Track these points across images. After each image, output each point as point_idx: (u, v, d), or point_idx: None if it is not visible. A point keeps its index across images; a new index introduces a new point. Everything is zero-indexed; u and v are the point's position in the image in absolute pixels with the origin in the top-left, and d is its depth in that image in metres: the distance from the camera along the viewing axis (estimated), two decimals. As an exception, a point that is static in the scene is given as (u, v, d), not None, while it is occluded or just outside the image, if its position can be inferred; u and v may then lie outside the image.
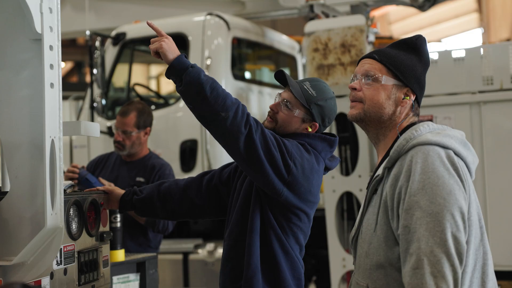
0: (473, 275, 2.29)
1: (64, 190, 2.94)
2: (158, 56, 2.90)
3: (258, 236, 3.01)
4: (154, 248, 4.82)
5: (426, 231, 2.17)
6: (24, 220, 2.48)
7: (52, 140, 2.44)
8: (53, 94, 2.46)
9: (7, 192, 2.53)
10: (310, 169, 2.99)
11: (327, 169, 3.18)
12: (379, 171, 2.45)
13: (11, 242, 2.47)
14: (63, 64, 22.24)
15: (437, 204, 2.19)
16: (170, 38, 2.92)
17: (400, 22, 21.51)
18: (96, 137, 6.60)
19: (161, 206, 3.33)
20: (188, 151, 6.52)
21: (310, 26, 6.18)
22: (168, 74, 2.89)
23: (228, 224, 3.19)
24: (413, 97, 2.50)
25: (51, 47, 2.47)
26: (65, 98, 12.91)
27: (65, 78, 23.69)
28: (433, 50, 6.63)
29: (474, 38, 20.99)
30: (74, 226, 2.94)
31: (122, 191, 3.36)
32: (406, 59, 2.50)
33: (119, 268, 3.76)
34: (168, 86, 10.99)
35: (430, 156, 2.26)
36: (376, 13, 19.44)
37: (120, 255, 3.78)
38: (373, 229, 2.38)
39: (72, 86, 20.01)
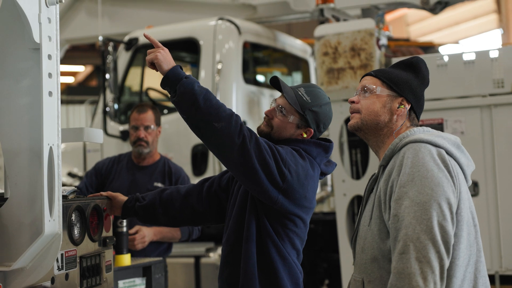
0: (467, 270, 2.39)
1: (66, 196, 2.98)
2: (154, 67, 2.94)
3: (254, 243, 3.03)
4: (167, 249, 4.84)
5: (413, 219, 2.29)
6: (23, 226, 2.51)
7: (51, 147, 2.48)
8: (51, 102, 2.49)
9: (7, 198, 2.57)
10: (305, 176, 3.00)
11: (323, 174, 3.20)
12: (376, 170, 2.62)
13: (11, 248, 2.51)
14: (83, 68, 22.43)
15: (425, 194, 2.32)
16: (166, 50, 2.96)
17: (418, 24, 21.41)
18: (109, 141, 6.74)
19: (163, 213, 3.37)
20: (200, 155, 6.56)
21: (319, 30, 6.19)
22: (163, 85, 2.94)
23: (226, 229, 3.22)
24: (408, 106, 2.63)
25: (49, 56, 2.50)
26: (81, 102, 13.12)
27: (85, 82, 23.87)
28: (444, 53, 6.60)
29: (493, 39, 20.82)
30: (76, 231, 2.97)
31: (124, 198, 3.40)
32: (401, 74, 2.66)
33: (125, 273, 3.79)
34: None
35: (421, 152, 2.41)
36: (393, 14, 19.42)
37: (126, 259, 3.81)
38: (368, 224, 2.50)
39: (91, 90, 20.18)
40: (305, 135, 3.16)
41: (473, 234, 2.44)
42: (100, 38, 6.74)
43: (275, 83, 3.19)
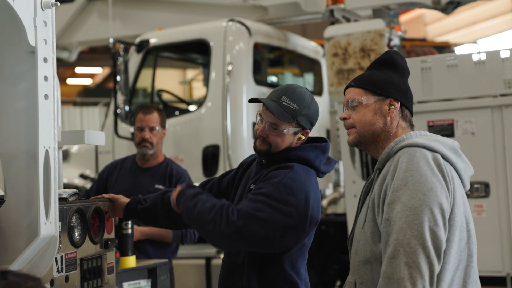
0: (455, 274, 2.38)
1: (66, 198, 2.99)
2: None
3: (257, 261, 3.03)
4: (172, 253, 4.84)
5: (404, 224, 2.28)
6: (20, 228, 2.53)
7: (47, 150, 2.49)
8: (47, 105, 2.51)
9: (4, 201, 2.59)
10: (306, 199, 2.96)
11: (324, 172, 3.18)
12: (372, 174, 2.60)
13: (8, 250, 2.53)
14: (100, 70, 22.56)
15: (417, 199, 2.30)
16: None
17: (436, 24, 21.28)
18: (121, 143, 6.76)
19: (164, 215, 3.36)
20: (210, 157, 6.56)
21: (329, 31, 6.17)
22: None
23: None
24: (397, 105, 2.61)
25: (45, 60, 2.51)
26: (95, 104, 13.16)
27: (102, 84, 24.02)
28: (455, 53, 6.56)
29: (511, 38, 20.62)
30: (76, 233, 2.98)
31: (126, 200, 3.40)
32: (380, 75, 2.63)
33: (130, 274, 3.80)
34: (191, 92, 11.05)
35: (415, 156, 2.39)
36: (410, 14, 19.31)
37: (131, 261, 3.82)
38: (362, 227, 2.49)
39: (109, 91, 20.30)
40: (303, 137, 3.12)
41: (465, 239, 2.41)
42: (111, 40, 6.77)
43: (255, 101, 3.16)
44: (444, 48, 11.36)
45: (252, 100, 3.15)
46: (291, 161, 3.07)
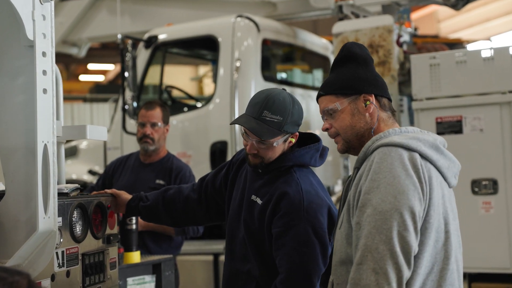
0: (428, 278, 2.30)
1: (67, 193, 2.99)
2: None
3: (271, 273, 2.98)
4: (175, 249, 4.85)
5: (373, 229, 2.22)
6: (19, 223, 2.53)
7: (45, 144, 2.49)
8: (46, 99, 2.50)
9: (3, 195, 2.59)
10: (327, 207, 2.99)
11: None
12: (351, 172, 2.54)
13: (7, 245, 2.53)
14: (112, 66, 22.60)
15: (388, 203, 2.23)
16: None
17: (449, 20, 21.15)
18: (129, 139, 6.77)
19: (166, 213, 3.37)
20: (218, 153, 6.56)
21: (338, 27, 6.15)
22: None
23: (232, 244, 3.15)
24: (372, 99, 2.52)
25: (44, 54, 2.51)
26: (105, 100, 13.19)
27: (114, 81, 24.09)
28: (466, 50, 6.50)
29: (525, 35, 20.45)
30: (78, 228, 2.98)
31: (129, 196, 3.40)
32: (344, 74, 2.55)
33: (135, 270, 3.80)
34: (201, 88, 11.04)
35: (390, 156, 2.31)
36: (424, 11, 19.21)
37: (135, 256, 3.81)
38: (339, 227, 2.44)
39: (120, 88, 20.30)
40: (293, 140, 3.06)
41: (442, 241, 2.33)
42: (119, 36, 6.77)
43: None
44: (456, 45, 11.28)
45: (233, 123, 3.07)
46: (288, 167, 3.04)
